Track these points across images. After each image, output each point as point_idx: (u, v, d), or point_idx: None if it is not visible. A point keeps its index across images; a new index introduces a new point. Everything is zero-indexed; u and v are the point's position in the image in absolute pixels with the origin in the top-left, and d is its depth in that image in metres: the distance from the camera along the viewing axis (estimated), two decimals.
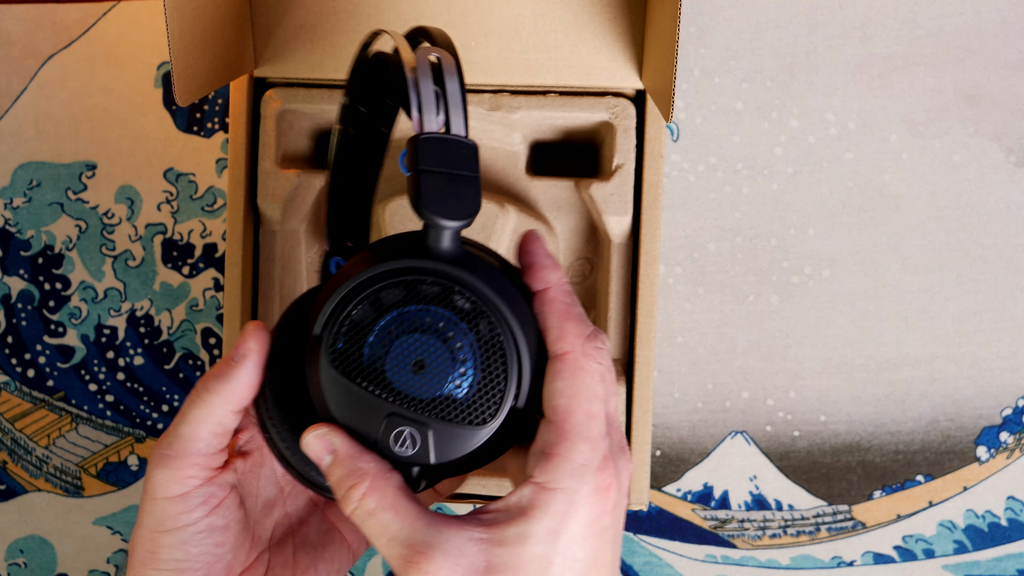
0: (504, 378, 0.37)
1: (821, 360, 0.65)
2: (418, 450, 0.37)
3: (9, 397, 0.66)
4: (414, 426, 0.37)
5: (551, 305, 0.38)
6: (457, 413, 0.37)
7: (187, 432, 0.41)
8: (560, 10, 0.57)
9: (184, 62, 0.48)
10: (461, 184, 0.37)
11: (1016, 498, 0.65)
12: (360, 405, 0.37)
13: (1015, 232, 0.65)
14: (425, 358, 0.37)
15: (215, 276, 0.66)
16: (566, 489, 0.36)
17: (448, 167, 0.37)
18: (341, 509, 0.39)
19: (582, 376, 0.37)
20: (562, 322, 0.38)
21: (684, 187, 0.65)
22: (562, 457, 0.36)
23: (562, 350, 0.37)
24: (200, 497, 0.41)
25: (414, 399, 0.37)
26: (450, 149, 0.38)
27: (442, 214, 0.37)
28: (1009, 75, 0.65)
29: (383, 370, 0.37)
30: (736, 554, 0.66)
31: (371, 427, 0.37)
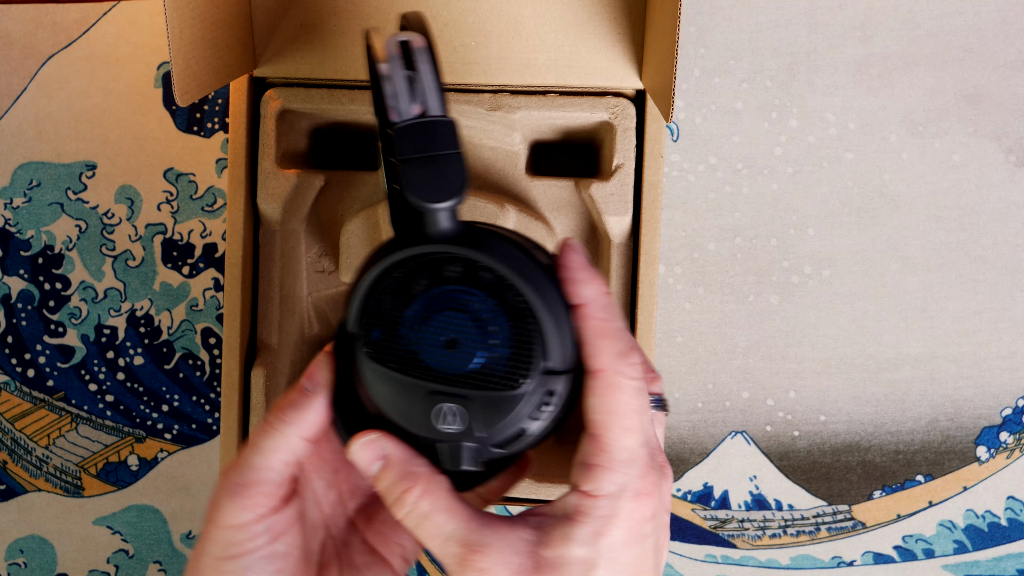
0: (530, 339, 0.38)
1: (821, 360, 0.65)
2: (463, 424, 0.38)
3: (9, 397, 0.66)
4: (456, 401, 0.38)
5: (586, 322, 0.39)
6: (493, 380, 0.38)
7: (260, 462, 0.41)
8: (560, 10, 0.57)
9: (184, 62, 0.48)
10: (443, 164, 0.38)
11: (1016, 498, 0.65)
12: (402, 391, 0.39)
13: (1015, 232, 0.65)
14: (455, 335, 0.38)
15: (215, 276, 0.66)
16: (608, 495, 0.37)
17: (428, 150, 0.38)
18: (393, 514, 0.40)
19: (616, 393, 0.38)
20: (596, 339, 0.38)
21: (684, 187, 0.65)
22: (602, 468, 0.38)
23: (596, 367, 0.38)
24: (266, 524, 0.42)
25: (452, 375, 0.38)
26: (428, 131, 0.39)
27: (430, 198, 0.38)
28: (1009, 75, 0.65)
29: (418, 354, 0.38)
30: (736, 554, 0.66)
31: (414, 410, 0.38)
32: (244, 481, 0.41)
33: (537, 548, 0.38)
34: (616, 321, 0.39)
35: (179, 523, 0.66)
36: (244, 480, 0.41)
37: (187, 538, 0.66)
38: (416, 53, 0.40)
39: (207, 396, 0.66)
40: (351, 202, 0.59)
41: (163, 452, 0.66)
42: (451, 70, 0.57)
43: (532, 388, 0.38)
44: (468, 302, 0.38)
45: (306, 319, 0.61)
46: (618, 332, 0.39)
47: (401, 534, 0.47)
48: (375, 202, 0.59)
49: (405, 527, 0.39)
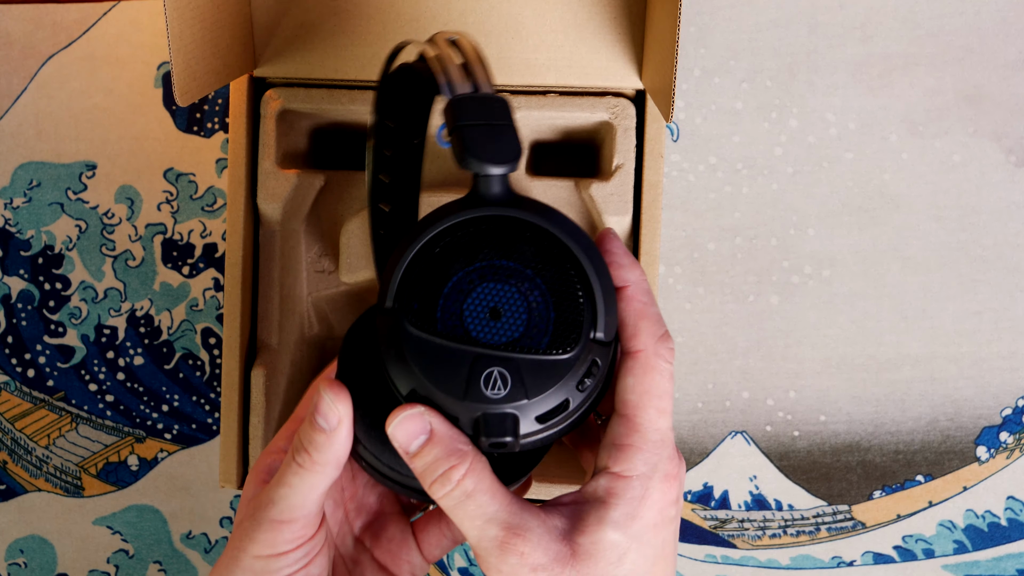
0: (578, 307, 0.38)
1: (821, 360, 0.65)
2: (510, 389, 0.37)
3: (9, 397, 0.66)
4: (503, 365, 0.37)
5: (628, 303, 0.39)
6: (540, 345, 0.38)
7: (298, 501, 0.41)
8: (560, 10, 0.57)
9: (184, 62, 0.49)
10: (499, 132, 0.38)
11: (1016, 498, 0.65)
12: (446, 359, 0.38)
13: (1015, 232, 0.65)
14: (499, 304, 0.38)
15: (215, 276, 0.66)
16: (641, 476, 0.38)
17: (484, 119, 0.39)
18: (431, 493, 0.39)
19: (653, 375, 0.38)
20: (637, 321, 0.39)
21: (684, 187, 0.65)
22: (635, 448, 0.38)
23: (636, 348, 0.39)
24: (302, 552, 0.42)
25: (498, 344, 0.38)
26: (484, 104, 0.39)
27: (488, 160, 0.38)
28: (1009, 75, 0.65)
29: (463, 324, 0.38)
30: (736, 554, 0.66)
31: (458, 379, 0.37)
32: (282, 518, 0.41)
33: (572, 535, 0.38)
34: (655, 306, 0.40)
35: (179, 523, 0.66)
36: (282, 517, 0.41)
37: (187, 538, 0.66)
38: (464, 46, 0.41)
39: (207, 396, 0.66)
40: (351, 202, 0.59)
41: (163, 452, 0.66)
42: None
43: (580, 355, 0.38)
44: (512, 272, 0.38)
45: (306, 319, 0.61)
46: (657, 316, 0.39)
47: (408, 550, 0.47)
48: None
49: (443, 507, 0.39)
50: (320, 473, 0.41)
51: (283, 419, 0.59)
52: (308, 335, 0.61)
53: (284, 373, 0.59)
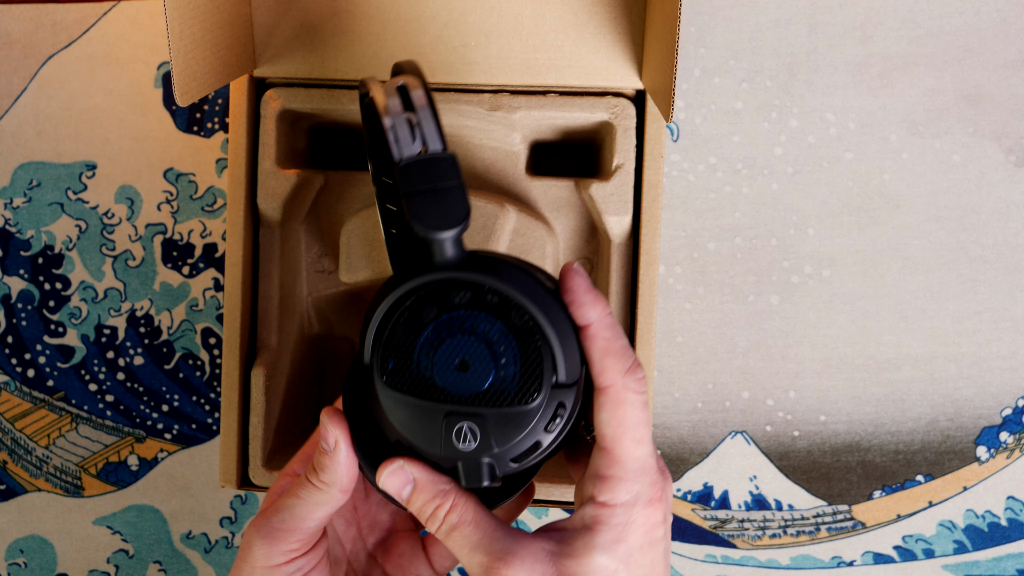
0: (537, 356, 0.40)
1: (821, 360, 0.65)
2: (480, 441, 0.40)
3: (9, 397, 0.66)
4: (471, 419, 0.40)
5: (592, 341, 0.41)
6: (506, 397, 0.40)
7: (304, 513, 0.44)
8: (560, 10, 0.57)
9: (184, 62, 0.49)
10: (445, 195, 0.40)
11: (1016, 498, 0.65)
12: (419, 415, 0.41)
13: (1015, 232, 0.65)
14: (466, 357, 0.40)
15: (215, 276, 0.66)
16: (624, 504, 0.40)
17: (432, 183, 0.40)
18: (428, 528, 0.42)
19: (624, 408, 0.40)
20: (603, 358, 0.40)
21: (684, 187, 0.65)
22: (617, 478, 0.40)
23: (605, 384, 0.40)
24: (297, 565, 0.44)
25: (466, 396, 0.40)
26: (430, 166, 0.41)
27: (436, 227, 0.40)
28: (1009, 75, 0.65)
29: (433, 378, 0.40)
30: (736, 554, 0.66)
31: (433, 432, 0.41)
32: (284, 527, 0.44)
33: (560, 559, 0.40)
34: (620, 339, 0.41)
35: (179, 523, 0.66)
36: (284, 527, 0.44)
37: (187, 538, 0.66)
38: (414, 95, 0.42)
39: (207, 396, 0.66)
40: (351, 202, 0.59)
41: (163, 452, 0.66)
42: (451, 70, 0.57)
43: (544, 402, 0.40)
44: (477, 325, 0.40)
45: (306, 319, 0.61)
46: (623, 349, 0.41)
47: (419, 564, 0.49)
48: (375, 202, 0.59)
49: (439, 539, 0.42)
50: (325, 492, 0.44)
51: (283, 419, 0.59)
52: (308, 335, 0.61)
53: (284, 373, 0.59)
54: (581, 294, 0.41)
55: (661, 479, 0.41)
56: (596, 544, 0.40)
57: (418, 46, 0.57)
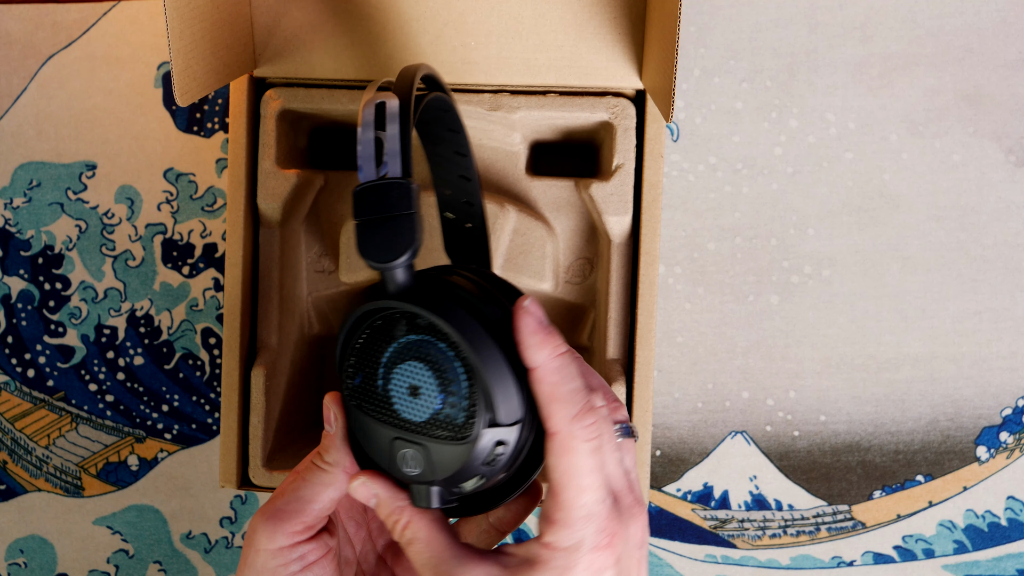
0: (474, 394, 0.40)
1: (821, 360, 0.65)
2: (423, 469, 0.41)
3: (9, 397, 0.66)
4: (415, 447, 0.40)
5: (538, 386, 0.40)
6: (445, 431, 0.40)
7: (309, 495, 0.44)
8: (560, 10, 0.57)
9: (184, 62, 0.49)
10: (396, 224, 0.40)
11: (1016, 498, 0.65)
12: (373, 433, 0.41)
13: (1015, 232, 0.65)
14: (418, 383, 0.40)
15: (215, 276, 0.66)
16: (566, 549, 0.40)
17: (381, 211, 0.40)
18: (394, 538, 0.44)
19: (569, 456, 0.40)
20: (547, 404, 0.40)
21: (684, 187, 0.65)
22: (560, 523, 0.40)
23: (551, 430, 0.40)
24: (299, 552, 0.44)
25: (412, 422, 0.40)
26: (383, 193, 0.40)
27: (379, 258, 0.40)
28: (1009, 75, 0.65)
29: (390, 399, 0.41)
30: (736, 554, 0.66)
31: (383, 453, 0.41)
32: (287, 508, 0.44)
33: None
34: (569, 383, 0.40)
35: (179, 523, 0.66)
36: (287, 508, 0.44)
37: (187, 538, 0.66)
38: (388, 114, 0.41)
39: (207, 396, 0.66)
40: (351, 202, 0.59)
41: (163, 452, 0.66)
42: (451, 70, 0.57)
43: (479, 440, 0.40)
44: (431, 353, 0.40)
45: (306, 319, 0.61)
46: (571, 394, 0.40)
47: None
48: None
49: None
50: (330, 472, 0.44)
51: (283, 419, 0.59)
52: (308, 335, 0.61)
53: (284, 373, 0.59)
54: (527, 335, 0.40)
55: (614, 524, 0.41)
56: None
57: (418, 46, 0.57)
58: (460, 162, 0.51)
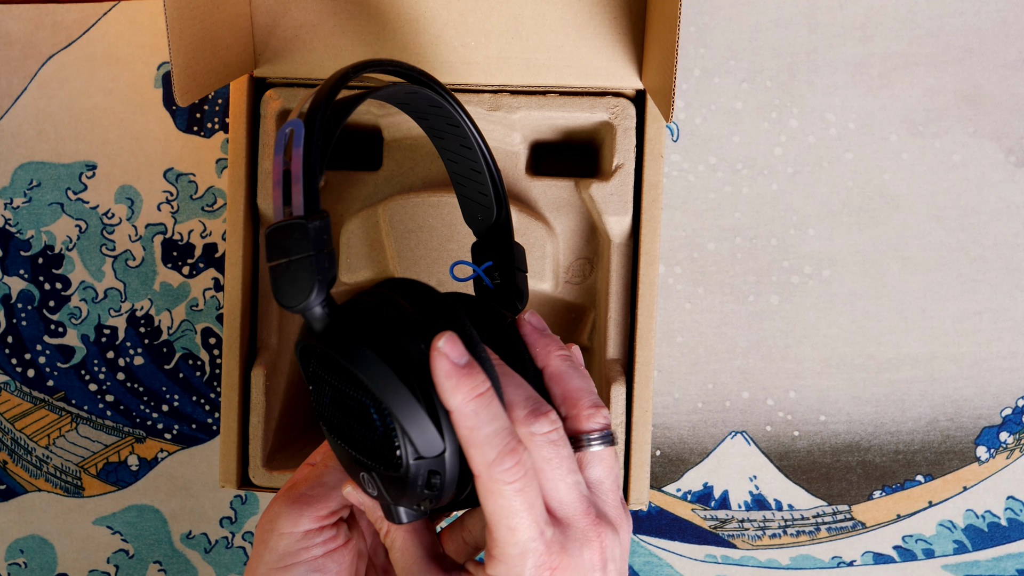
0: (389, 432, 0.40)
1: (821, 360, 0.65)
2: (379, 491, 0.41)
3: (9, 397, 0.66)
4: (367, 471, 0.41)
5: (457, 430, 0.40)
6: (378, 462, 0.40)
7: (333, 480, 0.45)
8: (560, 10, 0.57)
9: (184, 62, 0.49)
10: (295, 269, 0.39)
11: (1016, 498, 0.65)
12: (340, 451, 0.42)
13: (1015, 232, 0.65)
14: (350, 419, 0.40)
15: (215, 276, 0.66)
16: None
17: (284, 255, 0.39)
18: None
19: (493, 498, 0.40)
20: (467, 448, 0.40)
21: (684, 187, 0.65)
22: (497, 559, 0.40)
23: (475, 472, 0.40)
24: (323, 536, 0.45)
25: (356, 451, 0.41)
26: (284, 235, 0.39)
27: (288, 303, 0.39)
28: (1009, 75, 0.65)
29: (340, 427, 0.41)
30: (736, 554, 0.66)
31: (351, 470, 0.42)
32: (311, 494, 0.45)
33: None
34: (486, 425, 0.39)
35: (179, 523, 0.66)
36: (312, 493, 0.45)
37: (187, 538, 0.66)
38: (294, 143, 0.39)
39: (207, 396, 0.66)
40: (351, 202, 0.59)
41: (163, 452, 0.66)
42: (451, 70, 0.57)
43: (410, 471, 0.40)
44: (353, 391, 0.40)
45: None
46: (487, 438, 0.39)
47: None
48: (375, 202, 0.59)
49: None
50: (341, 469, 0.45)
51: (283, 419, 0.59)
52: None
53: (284, 373, 0.59)
54: (441, 379, 0.39)
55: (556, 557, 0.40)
56: None
57: (418, 46, 0.57)
58: (468, 155, 0.51)
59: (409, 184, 0.59)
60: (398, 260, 0.57)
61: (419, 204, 0.57)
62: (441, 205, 0.57)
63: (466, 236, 0.58)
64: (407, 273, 0.57)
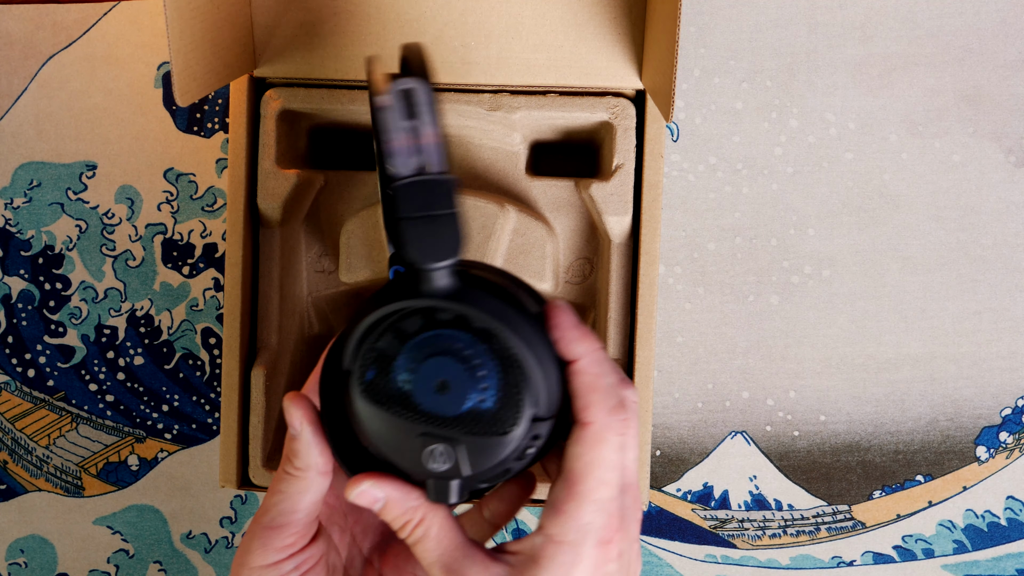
0: (518, 389, 0.40)
1: (821, 360, 0.65)
2: (452, 464, 0.40)
3: (9, 397, 0.66)
4: (446, 442, 0.39)
5: (578, 376, 0.40)
6: (483, 425, 0.40)
7: (290, 506, 0.44)
8: (560, 10, 0.57)
9: (184, 62, 0.49)
10: (441, 224, 0.39)
11: (1016, 498, 0.65)
12: (394, 430, 0.40)
13: (1015, 232, 0.65)
14: (447, 378, 0.39)
15: (215, 276, 0.66)
16: (572, 543, 0.39)
17: (426, 209, 0.39)
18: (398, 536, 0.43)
19: (601, 447, 0.40)
20: (588, 394, 0.40)
21: (684, 187, 0.65)
22: (569, 515, 0.39)
23: (586, 420, 0.40)
24: (295, 562, 0.44)
25: (442, 418, 0.40)
26: (427, 190, 0.39)
27: (427, 259, 0.39)
28: (1009, 75, 0.65)
29: (411, 394, 0.40)
30: (736, 554, 0.66)
31: (405, 449, 0.40)
32: (275, 524, 0.44)
33: None
34: (607, 376, 0.40)
35: (179, 523, 0.66)
36: (274, 524, 0.44)
37: (187, 538, 0.66)
38: (419, 103, 0.39)
39: (207, 396, 0.66)
40: (351, 202, 0.59)
41: (163, 452, 0.66)
42: (451, 70, 0.57)
43: (520, 433, 0.40)
44: (461, 347, 0.39)
45: (306, 319, 0.61)
46: (610, 388, 0.40)
47: (415, 563, 0.49)
48: (375, 202, 0.59)
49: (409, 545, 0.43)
50: (303, 478, 0.43)
51: (283, 419, 0.59)
52: (308, 335, 0.61)
53: (284, 373, 0.59)
54: (568, 329, 0.40)
55: (618, 520, 0.40)
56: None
57: None
58: None
59: None
60: None
61: None
62: None
63: None
64: None
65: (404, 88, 0.40)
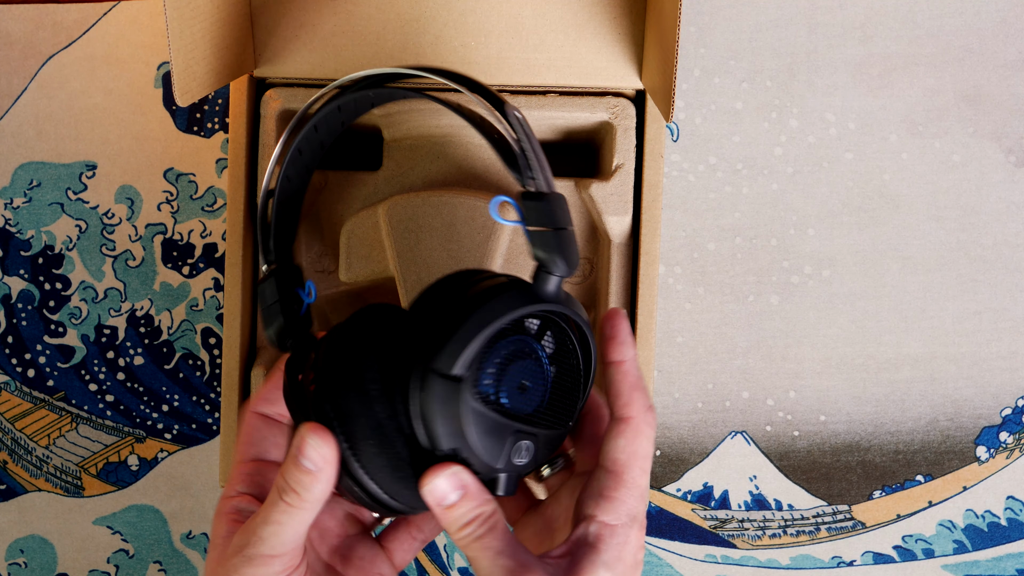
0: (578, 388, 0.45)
1: (821, 360, 0.65)
2: (531, 458, 0.44)
3: (9, 397, 0.66)
4: (529, 438, 0.44)
5: (625, 376, 0.45)
6: (553, 420, 0.44)
7: (287, 537, 0.44)
8: (560, 10, 0.57)
9: (184, 62, 0.49)
10: (564, 239, 0.43)
11: (1016, 498, 0.65)
12: (492, 430, 0.43)
13: (1015, 232, 0.65)
14: (526, 380, 0.43)
15: (215, 276, 0.66)
16: (624, 525, 0.44)
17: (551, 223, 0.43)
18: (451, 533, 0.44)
19: (640, 439, 0.45)
20: (631, 392, 0.45)
21: (684, 187, 0.65)
22: (620, 500, 0.44)
23: (628, 415, 0.45)
24: None
25: (525, 416, 0.43)
26: (549, 203, 0.43)
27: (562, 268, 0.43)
28: (1009, 75, 0.65)
29: (499, 396, 0.43)
30: (736, 554, 0.66)
31: (498, 447, 0.43)
32: (264, 552, 0.44)
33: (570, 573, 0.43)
34: (643, 377, 0.46)
35: (179, 523, 0.66)
36: (264, 552, 0.44)
37: (187, 538, 0.66)
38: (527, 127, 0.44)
39: (207, 396, 0.66)
40: (351, 202, 0.59)
41: (163, 452, 0.66)
42: None
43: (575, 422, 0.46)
44: (535, 351, 0.43)
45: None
46: (647, 390, 0.46)
47: (380, 564, 0.50)
48: (375, 202, 0.59)
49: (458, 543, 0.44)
50: (308, 510, 0.44)
51: None
52: None
53: None
54: (625, 334, 0.46)
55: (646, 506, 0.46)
56: (601, 561, 0.43)
57: (418, 46, 0.57)
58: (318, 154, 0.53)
59: (409, 184, 0.59)
60: (398, 260, 0.57)
61: (419, 204, 0.57)
62: (441, 205, 0.57)
63: (467, 236, 0.58)
64: (407, 273, 0.57)
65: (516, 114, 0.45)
